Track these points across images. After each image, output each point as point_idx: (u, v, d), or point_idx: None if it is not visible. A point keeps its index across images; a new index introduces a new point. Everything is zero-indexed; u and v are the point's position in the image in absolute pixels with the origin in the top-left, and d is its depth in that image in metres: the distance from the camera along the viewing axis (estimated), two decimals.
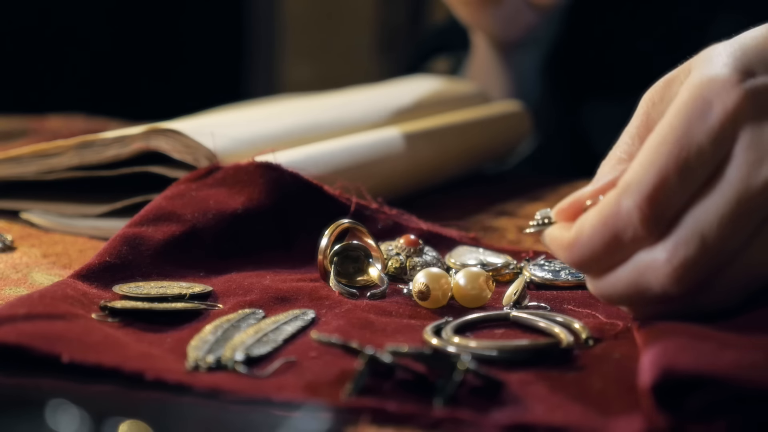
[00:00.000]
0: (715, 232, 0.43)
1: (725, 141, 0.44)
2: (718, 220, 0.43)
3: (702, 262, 0.43)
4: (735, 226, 0.43)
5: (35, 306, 0.47)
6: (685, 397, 0.38)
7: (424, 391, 0.41)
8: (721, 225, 0.43)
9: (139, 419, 0.38)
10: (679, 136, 0.44)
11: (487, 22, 0.93)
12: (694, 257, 0.43)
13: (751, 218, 0.44)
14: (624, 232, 0.44)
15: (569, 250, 0.46)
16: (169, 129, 0.64)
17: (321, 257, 0.56)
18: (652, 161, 0.44)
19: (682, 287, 0.44)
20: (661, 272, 0.44)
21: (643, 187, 0.44)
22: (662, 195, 0.44)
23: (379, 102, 0.82)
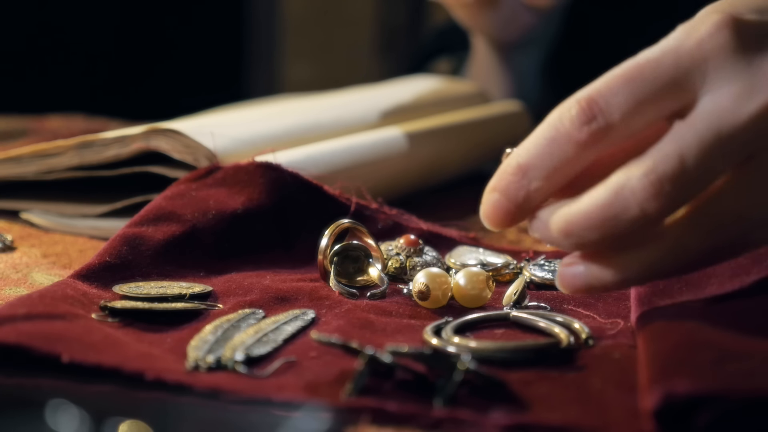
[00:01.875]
0: (695, 155, 0.42)
1: (691, 65, 0.43)
2: (698, 144, 0.42)
3: (680, 182, 0.42)
4: (715, 154, 0.42)
5: (35, 306, 0.47)
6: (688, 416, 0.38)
7: (424, 391, 0.41)
8: (701, 149, 0.42)
9: (139, 419, 0.38)
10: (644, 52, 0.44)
11: (486, 24, 0.93)
12: (673, 174, 0.42)
13: (732, 150, 0.43)
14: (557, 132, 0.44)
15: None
16: (169, 129, 0.64)
17: (321, 257, 0.56)
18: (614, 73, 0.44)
19: (660, 203, 0.42)
20: (638, 186, 0.42)
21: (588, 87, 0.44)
22: (599, 95, 0.44)
23: (379, 102, 0.82)
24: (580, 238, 0.44)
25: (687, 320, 0.45)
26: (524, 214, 0.46)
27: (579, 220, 0.44)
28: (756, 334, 0.43)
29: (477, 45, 1.01)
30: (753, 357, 0.41)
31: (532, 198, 0.45)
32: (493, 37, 0.96)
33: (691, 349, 0.42)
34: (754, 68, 0.44)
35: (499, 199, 0.46)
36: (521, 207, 0.46)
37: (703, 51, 0.44)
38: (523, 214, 0.46)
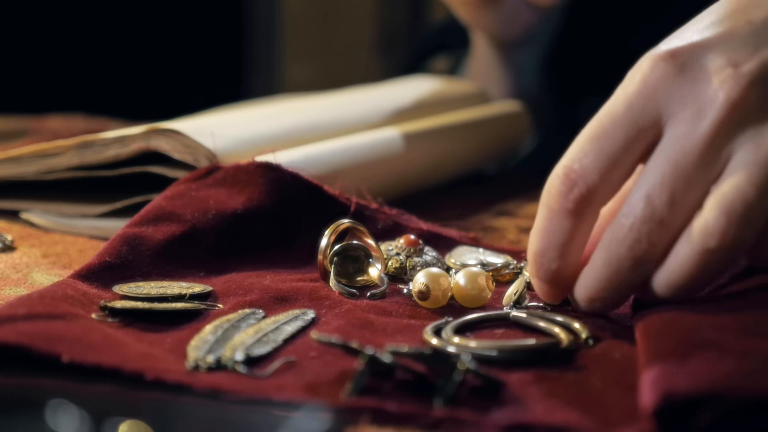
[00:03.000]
0: (658, 193, 0.45)
1: (645, 110, 0.46)
2: (660, 182, 0.45)
3: (654, 221, 0.45)
4: (679, 185, 0.45)
5: (35, 306, 0.47)
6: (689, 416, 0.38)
7: (424, 391, 0.41)
8: (663, 185, 0.45)
9: (139, 419, 0.38)
10: (601, 110, 0.47)
11: (487, 22, 0.93)
12: (644, 216, 0.45)
13: (695, 174, 0.45)
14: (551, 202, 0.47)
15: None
16: (169, 129, 0.64)
17: (321, 257, 0.56)
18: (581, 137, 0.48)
19: (644, 245, 0.45)
20: (621, 236, 0.46)
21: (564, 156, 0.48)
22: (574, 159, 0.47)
23: (379, 102, 0.82)
24: (605, 299, 0.48)
25: (687, 320, 0.45)
26: (566, 287, 0.50)
27: (592, 285, 0.47)
28: (756, 334, 0.43)
29: (477, 43, 1.01)
30: (753, 356, 0.41)
31: (560, 276, 0.49)
32: (494, 35, 0.96)
33: (691, 349, 0.42)
34: (699, 83, 0.46)
35: (539, 284, 0.50)
36: (558, 285, 0.49)
37: (649, 85, 0.46)
38: (564, 288, 0.50)
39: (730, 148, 0.45)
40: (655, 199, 0.45)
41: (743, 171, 0.44)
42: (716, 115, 0.45)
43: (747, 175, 0.44)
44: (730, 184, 0.44)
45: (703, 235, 0.44)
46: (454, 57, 1.10)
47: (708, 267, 0.45)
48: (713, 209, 0.44)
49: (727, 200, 0.44)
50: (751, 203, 0.44)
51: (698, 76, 0.46)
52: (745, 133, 0.45)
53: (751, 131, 0.45)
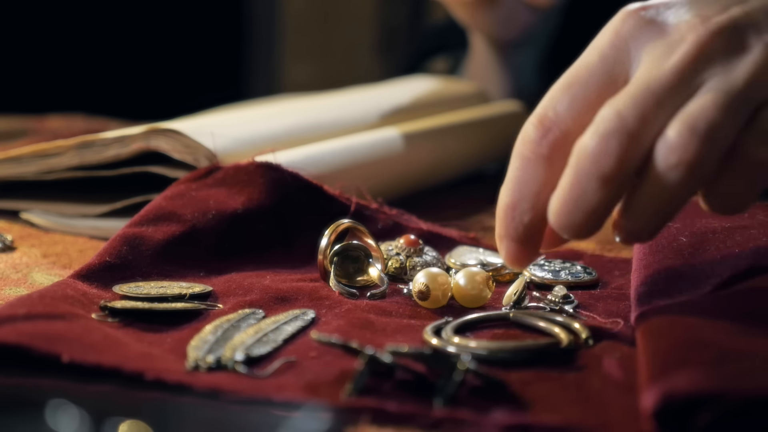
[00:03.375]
0: (631, 109, 0.45)
1: (617, 58, 0.47)
2: (632, 99, 0.45)
3: (623, 135, 0.44)
4: (649, 105, 0.45)
5: (35, 306, 0.47)
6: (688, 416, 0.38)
7: (424, 391, 0.41)
8: (635, 102, 0.45)
9: (139, 419, 0.38)
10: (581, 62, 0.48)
11: (485, 22, 0.93)
12: (614, 129, 0.45)
13: (664, 100, 0.45)
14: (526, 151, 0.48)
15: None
16: (169, 129, 0.64)
17: (321, 257, 0.56)
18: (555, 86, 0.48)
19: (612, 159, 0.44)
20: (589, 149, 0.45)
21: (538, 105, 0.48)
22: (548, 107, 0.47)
23: (379, 102, 0.82)
24: (572, 225, 0.46)
25: (687, 320, 0.45)
26: (535, 246, 0.49)
27: (560, 208, 0.46)
28: (756, 334, 0.43)
29: (475, 43, 1.01)
30: (753, 356, 0.41)
31: (531, 230, 0.48)
32: (492, 35, 0.96)
33: (691, 349, 0.42)
34: (668, 32, 0.47)
35: (507, 244, 0.49)
36: (527, 242, 0.48)
37: (621, 36, 0.48)
38: (533, 247, 0.49)
39: (699, 81, 0.45)
40: (624, 113, 0.45)
41: (709, 94, 0.45)
42: (685, 50, 0.46)
43: (713, 98, 0.45)
44: (695, 104, 0.45)
45: (666, 149, 0.44)
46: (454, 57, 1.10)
47: (669, 188, 0.44)
48: (677, 125, 0.44)
49: (691, 118, 0.44)
50: (714, 123, 0.44)
51: (667, 27, 0.47)
52: (714, 70, 0.46)
53: (721, 68, 0.46)
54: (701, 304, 0.47)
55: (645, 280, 0.50)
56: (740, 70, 0.45)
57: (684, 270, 0.50)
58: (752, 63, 0.45)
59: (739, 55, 0.46)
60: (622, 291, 0.55)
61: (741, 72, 0.45)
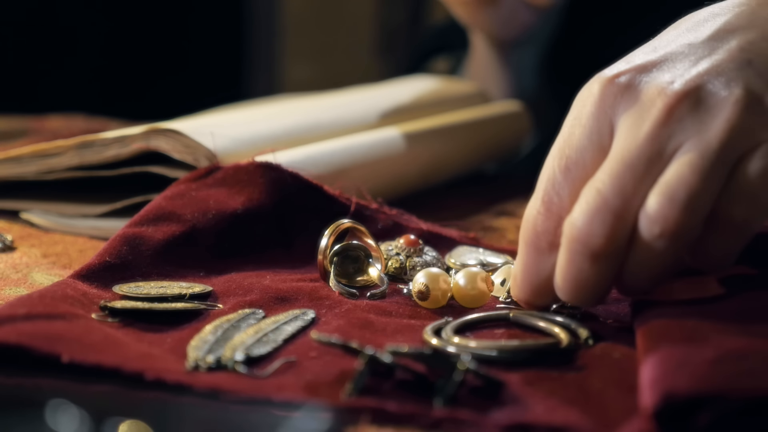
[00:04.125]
0: (608, 185, 0.46)
1: (602, 132, 0.48)
2: (608, 175, 0.46)
3: (605, 211, 0.46)
4: (626, 178, 0.46)
5: (35, 306, 0.47)
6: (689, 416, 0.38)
7: (424, 391, 0.41)
8: (612, 177, 0.46)
9: (139, 419, 0.38)
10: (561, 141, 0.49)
11: (485, 22, 0.93)
12: (596, 207, 0.46)
13: (640, 170, 0.46)
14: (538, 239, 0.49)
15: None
16: (169, 129, 0.64)
17: (321, 257, 0.56)
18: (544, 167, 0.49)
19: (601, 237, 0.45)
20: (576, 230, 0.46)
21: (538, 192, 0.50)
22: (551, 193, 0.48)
23: (379, 102, 0.82)
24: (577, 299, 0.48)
25: (687, 320, 0.45)
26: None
27: (564, 287, 0.48)
28: (756, 334, 0.43)
29: (476, 43, 1.01)
30: (753, 356, 0.41)
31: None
32: (492, 35, 0.96)
33: (691, 349, 0.42)
34: (640, 99, 0.48)
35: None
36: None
37: (600, 107, 0.48)
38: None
39: (674, 144, 0.46)
40: (604, 191, 0.46)
41: (686, 159, 0.45)
42: (655, 116, 0.46)
43: (689, 162, 0.45)
44: (672, 172, 0.45)
45: (648, 221, 0.45)
46: (455, 57, 1.10)
47: (657, 256, 0.46)
48: (656, 196, 0.45)
49: (670, 186, 0.45)
50: (693, 189, 0.45)
51: (640, 92, 0.48)
52: (686, 130, 0.46)
53: (693, 128, 0.46)
54: (701, 304, 0.47)
55: None
56: (713, 130, 0.46)
57: (684, 270, 0.50)
58: (724, 121, 0.46)
59: (711, 113, 0.46)
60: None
61: (714, 132, 0.46)
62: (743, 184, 0.46)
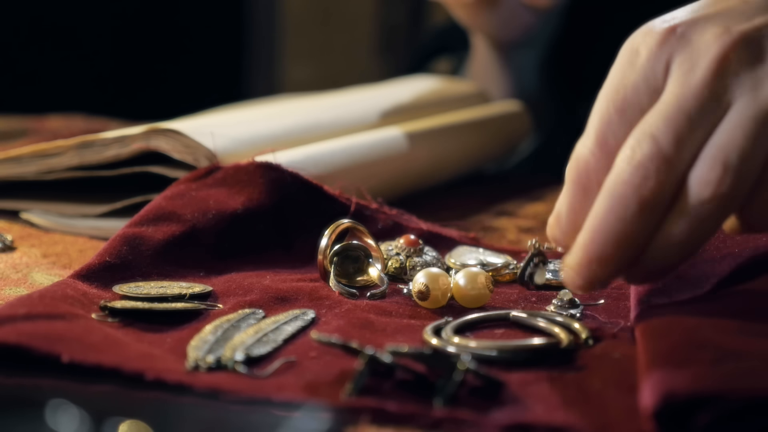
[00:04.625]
0: (663, 131, 0.44)
1: (657, 76, 0.47)
2: (663, 120, 0.45)
3: (660, 158, 0.44)
4: (682, 125, 0.44)
5: (35, 306, 0.47)
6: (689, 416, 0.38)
7: (424, 391, 0.41)
8: (667, 124, 0.44)
9: (139, 419, 0.38)
10: (614, 83, 0.47)
11: (485, 23, 0.93)
12: (650, 153, 0.44)
13: (696, 117, 0.45)
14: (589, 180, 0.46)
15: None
16: (169, 129, 0.64)
17: (321, 257, 0.56)
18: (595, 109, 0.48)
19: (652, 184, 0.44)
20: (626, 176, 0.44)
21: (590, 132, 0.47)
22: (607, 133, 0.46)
23: (379, 102, 0.82)
24: (606, 260, 0.45)
25: (687, 320, 0.45)
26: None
27: (594, 240, 0.45)
28: (756, 334, 0.43)
29: (476, 44, 1.01)
30: (752, 356, 0.41)
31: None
32: (492, 36, 0.96)
33: (691, 349, 0.42)
34: (694, 45, 0.46)
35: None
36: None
37: (654, 52, 0.47)
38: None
39: (728, 97, 0.45)
40: (659, 137, 0.44)
41: (738, 122, 0.44)
42: (709, 61, 0.45)
43: (742, 127, 0.44)
44: (725, 136, 0.44)
45: (699, 185, 0.44)
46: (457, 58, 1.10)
47: (704, 220, 0.44)
48: (708, 159, 0.44)
49: (723, 151, 0.44)
50: (746, 154, 0.44)
51: (696, 39, 0.47)
52: (741, 84, 0.45)
53: (749, 82, 0.45)
54: (701, 304, 0.47)
55: None
56: (767, 84, 0.45)
57: (684, 270, 0.50)
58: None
59: (765, 65, 0.45)
60: (622, 291, 0.55)
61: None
62: None
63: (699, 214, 0.44)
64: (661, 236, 0.45)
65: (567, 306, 0.52)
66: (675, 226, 0.44)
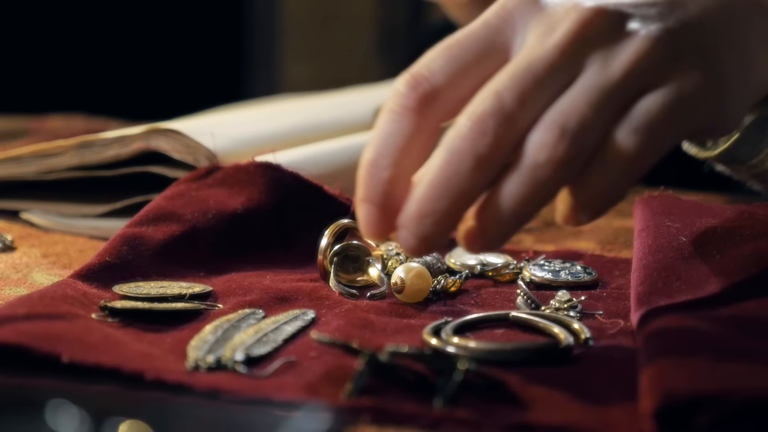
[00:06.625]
0: (509, 89, 0.44)
1: (507, 21, 0.47)
2: (510, 79, 0.44)
3: (501, 116, 0.43)
4: (528, 85, 0.44)
5: (35, 306, 0.47)
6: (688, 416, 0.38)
7: (424, 391, 0.41)
8: (514, 82, 0.44)
9: (139, 419, 0.38)
10: (466, 28, 0.48)
11: None
12: (492, 110, 0.44)
13: (543, 80, 0.44)
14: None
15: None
16: (169, 129, 0.64)
17: (321, 257, 0.56)
18: (435, 46, 0.48)
19: (488, 140, 0.43)
20: (464, 131, 0.44)
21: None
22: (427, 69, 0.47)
23: (378, 102, 0.82)
24: (438, 215, 0.44)
25: (687, 320, 0.45)
26: (393, 215, 0.45)
27: (427, 194, 0.44)
28: (756, 334, 0.43)
29: None
30: (753, 357, 0.41)
31: (390, 192, 0.45)
32: None
33: (691, 349, 0.42)
34: (553, 10, 0.46)
35: (365, 208, 0.46)
36: (385, 206, 0.45)
37: (506, 8, 0.47)
38: (391, 214, 0.45)
39: (579, 64, 0.45)
40: (503, 94, 0.44)
41: (583, 90, 0.44)
42: (567, 28, 0.45)
43: (586, 94, 0.44)
44: (568, 101, 0.44)
45: (535, 147, 0.43)
46: None
47: (537, 183, 0.43)
48: (547, 122, 0.44)
49: (563, 115, 0.44)
50: (585, 121, 0.43)
51: (553, 7, 0.47)
52: (595, 55, 0.45)
53: (602, 53, 0.45)
54: (701, 304, 0.47)
55: (645, 280, 0.50)
56: (619, 59, 0.44)
57: (684, 270, 0.50)
58: (632, 52, 0.45)
59: (621, 41, 0.45)
60: (622, 291, 0.55)
61: (619, 62, 0.44)
62: (640, 118, 0.44)
63: (534, 177, 0.43)
64: (495, 196, 0.44)
65: (566, 306, 0.52)
66: (509, 187, 0.43)
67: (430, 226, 0.44)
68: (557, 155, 0.43)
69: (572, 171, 0.44)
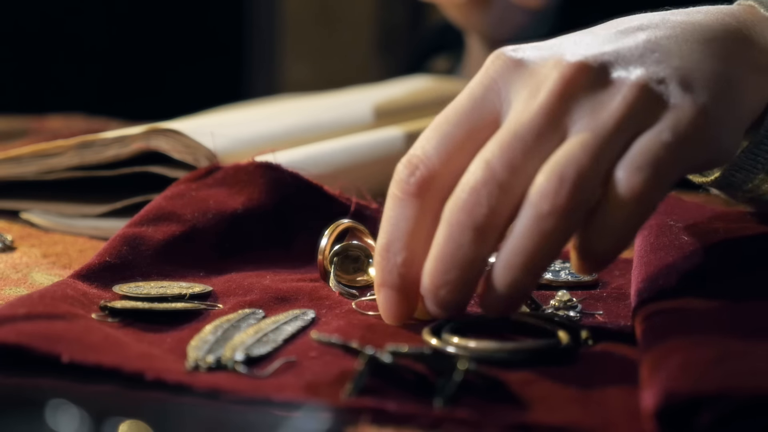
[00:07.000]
0: (498, 157, 0.45)
1: (491, 88, 0.48)
2: (498, 147, 0.45)
3: (492, 185, 0.44)
4: (516, 151, 0.45)
5: (35, 306, 0.47)
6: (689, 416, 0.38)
7: (424, 391, 0.41)
8: (502, 150, 0.45)
9: (139, 419, 0.38)
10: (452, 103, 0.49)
11: (478, 23, 0.94)
12: (483, 180, 0.44)
13: (531, 144, 0.45)
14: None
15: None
16: (169, 129, 0.64)
17: (321, 257, 0.56)
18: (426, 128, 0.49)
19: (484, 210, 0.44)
20: (460, 203, 0.45)
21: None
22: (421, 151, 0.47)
23: (378, 102, 0.82)
24: (451, 285, 0.45)
25: (687, 319, 0.45)
26: (413, 297, 0.48)
27: (436, 267, 0.45)
28: (756, 334, 0.43)
29: (471, 43, 1.01)
30: (754, 356, 0.41)
31: (406, 275, 0.47)
32: (485, 35, 0.96)
33: (692, 349, 0.42)
34: (535, 71, 0.47)
35: (385, 293, 0.48)
36: (403, 289, 0.47)
37: (490, 75, 0.48)
38: (411, 297, 0.48)
39: (567, 122, 0.45)
40: (493, 163, 0.45)
41: (577, 137, 0.44)
42: (550, 88, 0.45)
43: (581, 140, 0.44)
44: (564, 150, 0.44)
45: (537, 197, 0.44)
46: (454, 56, 1.10)
47: (544, 234, 0.44)
48: (546, 172, 0.44)
49: (560, 164, 0.44)
50: (583, 167, 0.44)
51: (535, 67, 0.47)
52: (581, 107, 0.45)
53: (589, 105, 0.45)
54: (702, 303, 0.47)
55: (645, 279, 0.50)
56: (609, 108, 0.45)
57: (685, 269, 0.50)
58: (621, 99, 0.45)
59: (607, 90, 0.45)
60: (622, 291, 0.55)
61: (610, 111, 0.45)
62: (639, 156, 0.44)
63: (540, 228, 0.44)
64: (505, 255, 0.45)
65: (566, 306, 0.52)
66: (517, 243, 0.44)
67: (447, 295, 0.46)
68: (559, 203, 0.43)
69: (577, 219, 0.44)
